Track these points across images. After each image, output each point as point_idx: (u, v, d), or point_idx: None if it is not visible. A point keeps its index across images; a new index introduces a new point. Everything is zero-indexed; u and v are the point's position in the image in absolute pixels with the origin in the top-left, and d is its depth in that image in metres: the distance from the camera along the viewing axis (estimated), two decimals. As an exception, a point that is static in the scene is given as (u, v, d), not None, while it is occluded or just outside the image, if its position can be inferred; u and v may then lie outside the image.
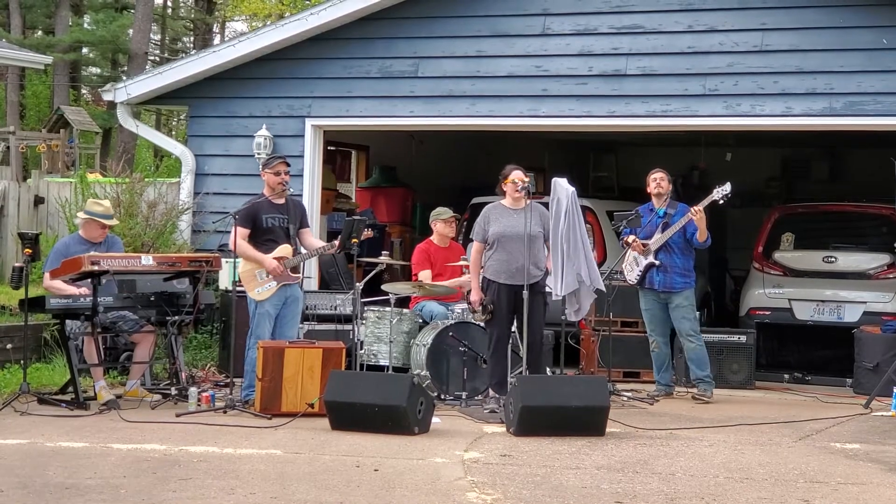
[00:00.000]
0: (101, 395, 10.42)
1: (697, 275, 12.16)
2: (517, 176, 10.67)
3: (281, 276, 10.59)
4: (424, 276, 12.18)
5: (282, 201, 10.84)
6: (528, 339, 10.41)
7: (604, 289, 11.03)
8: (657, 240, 11.62)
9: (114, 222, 11.26)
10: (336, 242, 10.92)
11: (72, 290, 10.63)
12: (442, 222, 12.48)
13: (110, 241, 11.28)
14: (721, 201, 11.53)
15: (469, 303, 11.27)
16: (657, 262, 11.63)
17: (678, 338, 11.92)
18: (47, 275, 10.85)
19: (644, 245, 11.67)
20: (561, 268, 10.46)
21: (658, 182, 11.77)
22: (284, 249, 10.69)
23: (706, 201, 11.46)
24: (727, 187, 11.47)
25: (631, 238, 11.75)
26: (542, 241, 10.72)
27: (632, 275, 11.86)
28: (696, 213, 11.35)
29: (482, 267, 10.85)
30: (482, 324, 11.10)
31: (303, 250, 10.93)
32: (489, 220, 10.76)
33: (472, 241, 11.06)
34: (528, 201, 10.64)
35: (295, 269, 10.79)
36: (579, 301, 10.73)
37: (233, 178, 14.15)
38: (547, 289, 10.75)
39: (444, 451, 8.62)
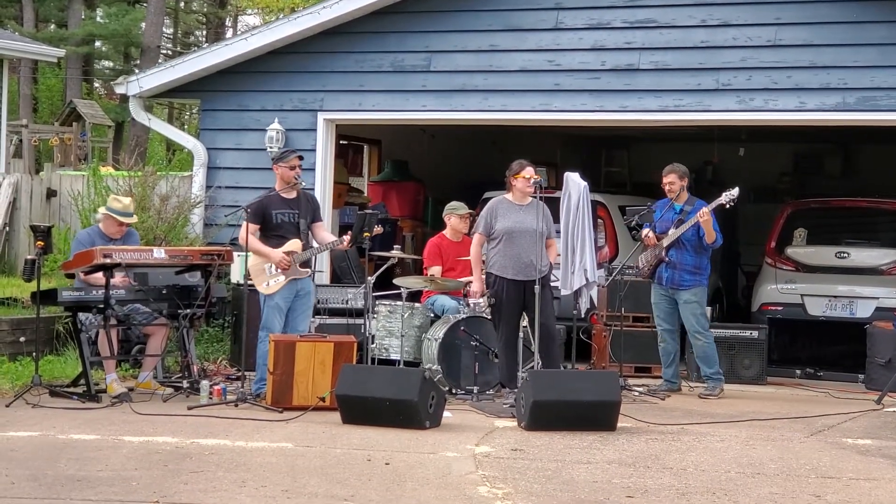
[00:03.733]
0: (113, 388, 10.44)
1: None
2: (530, 172, 10.66)
3: (289, 270, 10.60)
4: (434, 270, 12.19)
5: (293, 196, 10.82)
6: (540, 331, 10.41)
7: (597, 280, 11.00)
8: (669, 236, 11.60)
9: (132, 220, 11.22)
10: (346, 238, 10.90)
11: (116, 280, 10.62)
12: (457, 217, 12.46)
13: (127, 233, 11.27)
14: (728, 205, 11.49)
15: (465, 294, 11.33)
16: (667, 259, 11.61)
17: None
18: (61, 268, 10.87)
19: (658, 239, 11.66)
20: (570, 264, 10.46)
21: (669, 186, 11.72)
22: (293, 244, 10.68)
23: (713, 204, 11.43)
24: (735, 192, 11.43)
25: (645, 231, 11.73)
26: (545, 238, 10.72)
27: (645, 268, 11.85)
28: (703, 216, 11.33)
29: (483, 262, 10.87)
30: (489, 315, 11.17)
31: (315, 244, 10.92)
32: (496, 214, 10.75)
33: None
34: (535, 199, 10.63)
35: (305, 264, 10.78)
36: (583, 296, 10.73)
37: (245, 172, 14.15)
38: (553, 282, 10.78)
39: (455, 446, 8.62)
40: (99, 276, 10.58)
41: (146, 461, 7.85)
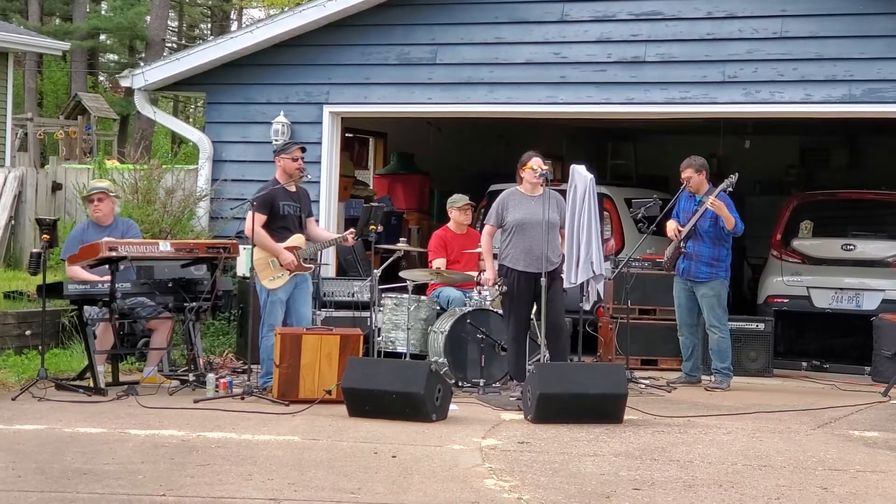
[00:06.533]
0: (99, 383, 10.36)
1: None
2: (536, 163, 10.63)
3: (295, 268, 10.62)
4: (439, 263, 12.19)
5: (293, 189, 10.83)
6: (548, 325, 10.37)
7: (604, 273, 11.01)
8: (685, 227, 11.61)
9: (102, 184, 11.19)
10: (349, 235, 10.91)
11: (94, 277, 10.62)
12: (457, 210, 12.49)
13: (126, 225, 11.27)
14: (727, 190, 11.47)
15: (479, 283, 11.33)
16: (684, 250, 11.61)
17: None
18: (66, 262, 10.88)
19: (680, 231, 11.66)
20: (576, 256, 10.44)
21: (686, 179, 11.71)
22: (298, 239, 10.69)
23: (715, 192, 11.43)
24: (734, 178, 11.46)
25: (671, 224, 11.73)
26: (559, 228, 10.70)
27: (668, 263, 11.86)
28: (712, 203, 11.32)
29: (496, 255, 10.86)
30: (499, 310, 11.15)
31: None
32: (507, 206, 10.72)
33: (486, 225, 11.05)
34: (546, 188, 10.60)
35: (308, 259, 10.80)
36: (590, 289, 10.72)
37: (250, 165, 14.12)
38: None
39: (461, 438, 8.62)
40: (77, 270, 10.62)
41: (152, 454, 7.85)
